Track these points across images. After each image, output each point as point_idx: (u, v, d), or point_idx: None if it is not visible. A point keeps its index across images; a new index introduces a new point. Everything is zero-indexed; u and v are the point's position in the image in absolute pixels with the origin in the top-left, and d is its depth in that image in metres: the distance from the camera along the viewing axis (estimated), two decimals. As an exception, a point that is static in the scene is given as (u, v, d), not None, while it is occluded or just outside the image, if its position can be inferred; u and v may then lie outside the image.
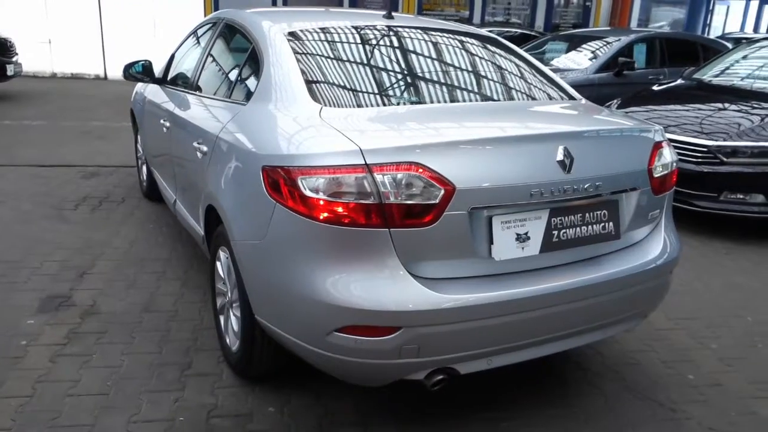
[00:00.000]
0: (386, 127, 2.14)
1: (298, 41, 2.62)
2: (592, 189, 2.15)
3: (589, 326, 2.30)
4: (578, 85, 6.71)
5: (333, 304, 1.95)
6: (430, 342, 1.99)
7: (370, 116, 2.24)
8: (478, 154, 2.02)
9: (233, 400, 2.53)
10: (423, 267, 1.98)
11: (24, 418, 2.35)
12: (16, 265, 3.70)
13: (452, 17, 14.85)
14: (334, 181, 1.92)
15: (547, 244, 2.12)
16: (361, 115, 2.24)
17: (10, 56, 9.66)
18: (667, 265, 2.43)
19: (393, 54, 2.70)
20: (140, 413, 2.42)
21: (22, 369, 2.66)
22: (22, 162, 6.03)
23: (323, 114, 2.20)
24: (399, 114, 2.33)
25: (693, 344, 3.16)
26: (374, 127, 2.13)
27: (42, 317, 3.11)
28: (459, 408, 2.56)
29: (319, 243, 1.97)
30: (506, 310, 2.04)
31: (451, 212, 1.94)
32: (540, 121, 2.41)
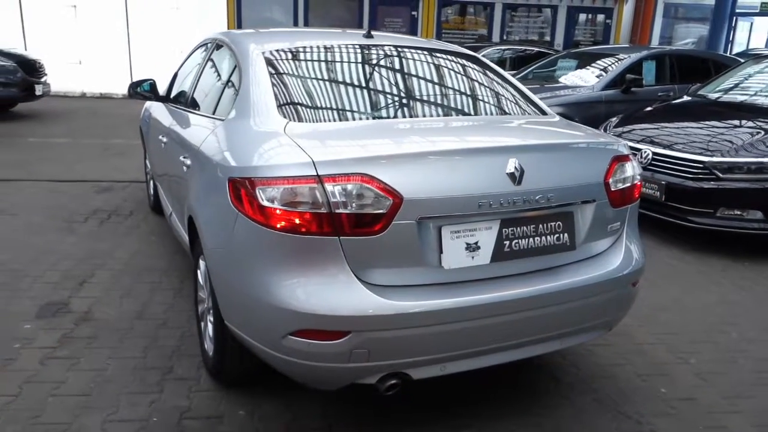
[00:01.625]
0: (343, 141, 2.24)
1: (275, 60, 2.75)
2: (544, 201, 2.21)
3: (545, 335, 2.35)
4: (585, 102, 6.78)
5: (287, 309, 2.04)
6: (379, 347, 2.07)
7: (331, 130, 2.35)
8: (426, 166, 2.10)
9: (207, 403, 2.63)
10: (373, 274, 2.06)
11: (6, 416, 2.48)
12: (20, 273, 3.88)
13: (471, 36, 15.00)
14: (288, 192, 2.02)
15: (498, 254, 2.18)
16: (323, 130, 2.35)
17: (39, 77, 10.08)
18: (627, 277, 2.46)
19: (362, 72, 2.82)
20: (117, 413, 2.53)
21: (12, 370, 2.81)
22: (40, 177, 6.29)
23: (288, 129, 2.31)
24: (360, 128, 2.43)
25: (672, 359, 3.16)
26: (332, 141, 2.23)
27: (38, 322, 3.26)
28: (423, 413, 2.62)
29: (274, 250, 2.07)
30: (456, 317, 2.11)
31: (399, 222, 2.02)
32: (494, 135, 2.48)
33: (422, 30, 14.86)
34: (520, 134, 2.54)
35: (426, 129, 2.47)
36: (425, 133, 2.39)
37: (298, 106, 2.51)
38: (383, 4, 14.69)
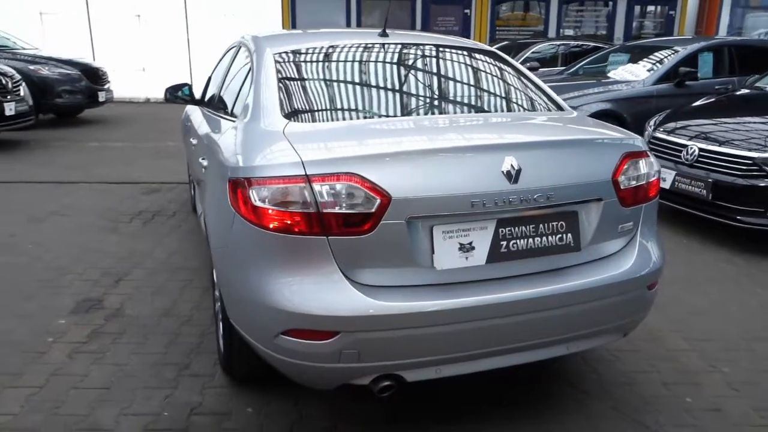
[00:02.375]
0: (338, 140, 2.23)
1: (285, 62, 2.77)
2: (543, 200, 2.13)
3: (549, 339, 2.27)
4: (634, 98, 6.52)
5: (278, 308, 2.05)
6: (369, 348, 2.05)
7: (329, 130, 2.35)
8: (416, 165, 2.07)
9: (217, 400, 2.68)
10: (362, 274, 2.05)
11: (30, 406, 2.61)
12: (63, 271, 4.07)
13: (526, 33, 14.70)
14: (278, 191, 2.03)
15: (495, 254, 2.12)
16: (321, 130, 2.35)
17: (102, 84, 10.58)
18: (641, 279, 2.34)
19: (368, 71, 2.80)
20: (131, 407, 2.62)
21: (42, 363, 2.95)
22: (95, 179, 6.59)
23: (287, 129, 2.32)
24: (358, 127, 2.41)
25: (703, 367, 2.99)
26: (327, 141, 2.23)
27: (72, 318, 3.42)
28: (429, 413, 2.58)
29: (266, 249, 2.09)
30: (450, 319, 2.07)
31: (388, 221, 2.00)
32: (493, 132, 2.41)
33: (475, 28, 14.69)
34: (520, 131, 2.46)
35: (425, 127, 2.43)
36: (423, 132, 2.36)
37: (301, 106, 2.52)
38: (436, 3, 14.61)
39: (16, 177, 6.62)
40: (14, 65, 9.37)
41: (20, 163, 7.44)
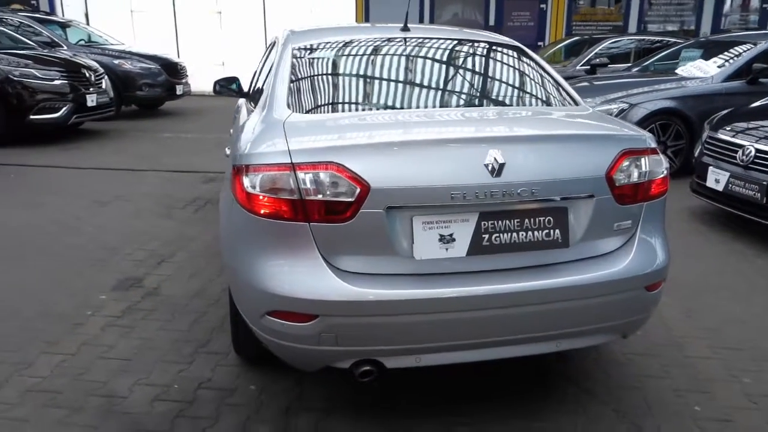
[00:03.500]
0: (329, 130, 2.30)
1: (300, 56, 2.87)
2: (528, 194, 2.12)
3: (536, 335, 2.25)
4: (700, 95, 6.21)
5: (263, 290, 2.15)
6: (347, 332, 2.11)
7: (325, 121, 2.42)
8: (398, 156, 2.10)
9: (226, 377, 2.83)
10: (343, 261, 2.11)
11: (58, 371, 2.84)
12: (114, 251, 4.38)
13: (604, 27, 14.20)
14: (267, 178, 2.13)
15: (476, 247, 2.13)
16: (318, 121, 2.43)
17: (180, 78, 11.15)
18: (636, 280, 2.27)
19: (373, 65, 2.83)
20: (147, 378, 2.80)
21: (77, 333, 3.20)
22: (161, 167, 6.99)
23: (288, 120, 2.41)
24: (353, 119, 2.47)
25: (723, 376, 2.85)
26: (319, 131, 2.30)
27: (112, 294, 3.68)
28: (425, 405, 2.61)
29: (255, 233, 2.19)
30: (427, 309, 2.09)
31: (367, 210, 2.05)
32: (480, 126, 2.39)
33: (551, 23, 14.34)
34: (511, 125, 2.43)
35: (417, 120, 2.45)
36: (413, 124, 2.38)
37: (306, 99, 2.61)
38: (510, -2, 14.39)
39: (91, 164, 7.12)
40: (101, 60, 10.06)
41: (98, 150, 7.99)
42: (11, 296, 3.62)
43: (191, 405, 2.62)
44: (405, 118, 2.47)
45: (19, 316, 3.37)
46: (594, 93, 6.67)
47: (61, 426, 2.46)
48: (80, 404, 2.60)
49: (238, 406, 2.61)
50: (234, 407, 2.60)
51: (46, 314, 3.40)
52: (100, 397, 2.66)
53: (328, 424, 2.51)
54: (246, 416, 2.54)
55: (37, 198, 5.70)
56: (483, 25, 14.63)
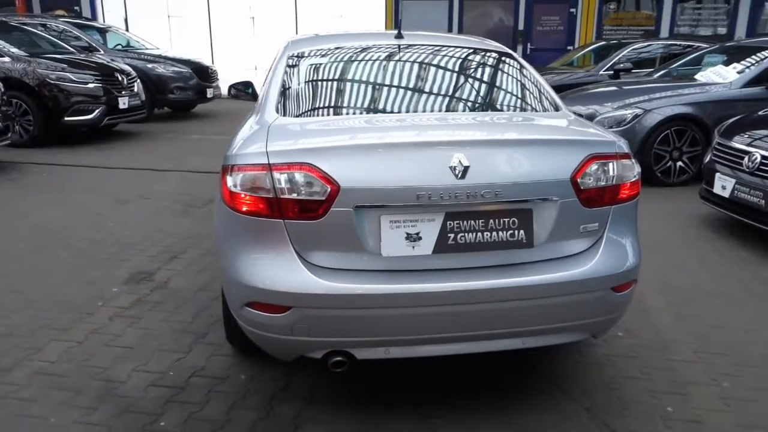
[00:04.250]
0: (307, 133, 2.44)
1: (294, 63, 3.01)
2: (491, 196, 2.21)
3: (501, 332, 2.34)
4: (717, 101, 6.16)
5: (242, 282, 2.30)
6: (318, 324, 2.24)
7: (306, 124, 2.56)
8: (367, 158, 2.23)
9: (219, 366, 2.99)
10: (316, 256, 2.24)
11: (66, 357, 3.05)
12: (131, 246, 4.60)
13: (636, 32, 14.03)
14: (246, 178, 2.28)
15: (442, 245, 2.23)
16: (300, 124, 2.56)
17: (211, 81, 11.47)
18: (601, 281, 2.34)
19: (359, 71, 2.95)
20: (145, 365, 2.98)
21: (87, 322, 3.41)
22: (185, 168, 7.25)
23: (274, 123, 2.56)
24: (332, 122, 2.59)
25: (703, 380, 2.89)
26: (299, 134, 2.44)
27: (124, 287, 3.89)
28: (404, 398, 2.72)
29: (237, 230, 2.34)
30: (394, 303, 2.21)
31: (337, 208, 2.18)
32: (449, 130, 2.49)
33: (581, 27, 14.24)
34: (479, 130, 2.52)
35: (392, 124, 2.56)
36: (387, 128, 2.50)
37: (293, 103, 2.75)
38: (540, 2, 14.33)
39: (119, 164, 7.43)
40: (135, 64, 10.44)
41: (128, 151, 8.31)
42: (31, 286, 3.86)
43: (183, 391, 2.78)
44: (382, 122, 2.59)
45: (35, 305, 3.60)
46: (609, 98, 6.67)
47: (62, 407, 2.65)
48: (81, 387, 2.79)
49: (226, 393, 2.77)
50: (223, 394, 2.76)
51: (60, 304, 3.62)
52: (100, 381, 2.85)
53: (309, 412, 2.64)
54: (232, 403, 2.69)
55: (65, 195, 6.00)
56: (512, 29, 14.62)
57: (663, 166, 6.34)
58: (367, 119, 2.64)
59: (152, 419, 2.58)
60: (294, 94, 2.81)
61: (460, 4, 14.65)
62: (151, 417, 2.59)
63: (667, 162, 6.33)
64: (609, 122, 6.32)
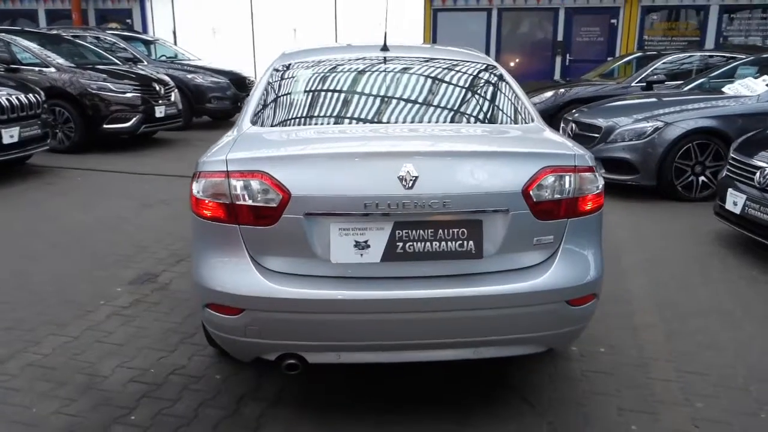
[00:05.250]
0: (268, 142, 2.53)
1: (277, 75, 3.12)
2: (439, 206, 2.24)
3: (452, 341, 2.37)
4: (744, 115, 5.99)
5: (202, 284, 2.41)
6: (269, 326, 2.32)
7: (273, 133, 2.66)
8: (318, 167, 2.30)
9: (198, 365, 3.10)
10: (269, 261, 2.32)
11: (60, 350, 3.22)
12: (143, 249, 4.80)
13: (679, 43, 13.68)
14: (207, 184, 2.38)
15: (390, 254, 2.27)
16: (266, 134, 2.66)
17: (247, 91, 11.77)
18: (553, 294, 2.34)
19: (332, 83, 3.02)
20: (130, 362, 3.12)
21: (85, 319, 3.59)
22: (210, 175, 7.46)
23: (244, 133, 2.67)
24: (295, 132, 2.68)
25: (677, 399, 2.82)
26: (260, 143, 2.54)
27: (127, 287, 4.06)
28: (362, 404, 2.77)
29: (200, 234, 2.46)
30: (342, 309, 2.27)
31: (288, 215, 2.26)
32: (402, 141, 2.53)
33: (622, 38, 13.98)
34: (432, 141, 2.54)
35: (352, 135, 2.63)
36: (345, 138, 2.57)
37: (267, 114, 2.84)
38: (580, 13, 14.15)
39: (150, 170, 7.73)
40: (175, 74, 10.84)
41: (160, 158, 8.64)
42: (42, 283, 4.08)
43: (159, 387, 2.90)
44: (342, 133, 2.66)
45: (43, 301, 3.81)
46: (630, 111, 6.55)
47: (44, 397, 2.81)
48: (67, 380, 2.95)
49: (199, 391, 2.87)
50: (195, 392, 2.86)
51: (65, 301, 3.82)
52: (85, 375, 3.00)
53: (273, 412, 2.71)
54: (202, 401, 2.79)
55: (92, 199, 6.30)
56: (551, 40, 14.48)
57: (685, 181, 6.17)
58: (331, 129, 2.72)
59: (125, 413, 2.70)
60: (270, 105, 2.91)
61: (499, 16, 14.62)
62: (124, 410, 2.71)
63: (689, 176, 6.16)
64: (629, 135, 6.20)
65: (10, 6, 17.81)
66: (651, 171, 6.11)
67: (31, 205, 6.12)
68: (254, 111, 2.85)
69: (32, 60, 8.92)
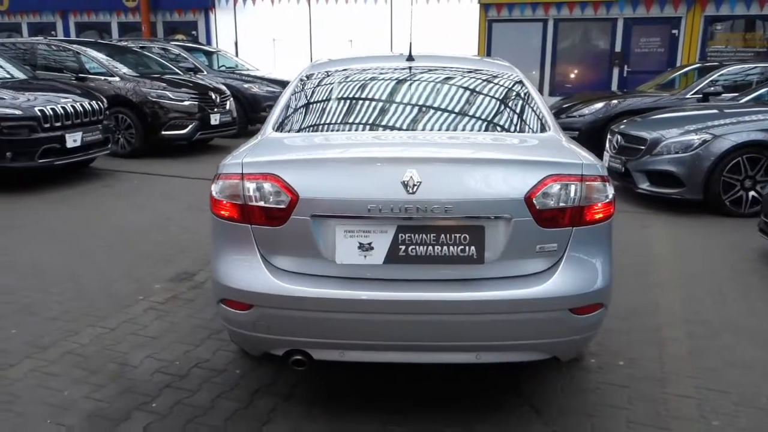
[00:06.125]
0: (283, 147, 2.65)
1: (304, 82, 3.25)
2: (441, 211, 2.30)
3: (453, 344, 2.41)
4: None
5: (217, 280, 2.54)
6: (277, 322, 2.43)
7: (289, 139, 2.79)
8: (324, 171, 2.40)
9: (221, 360, 3.24)
10: (278, 259, 2.43)
11: (97, 341, 3.43)
12: (184, 249, 5.03)
13: (745, 53, 13.16)
14: (225, 186, 2.52)
15: (393, 256, 2.34)
16: (283, 139, 2.79)
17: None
18: (555, 302, 2.35)
19: (353, 91, 3.12)
20: (158, 354, 3.30)
21: (123, 313, 3.80)
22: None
23: (265, 138, 2.80)
24: (310, 138, 2.82)
25: (692, 416, 2.76)
26: (277, 147, 2.66)
27: (166, 284, 4.28)
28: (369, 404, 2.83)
29: (216, 233, 2.60)
30: (346, 308, 2.35)
31: (296, 217, 2.36)
32: (408, 148, 2.60)
33: (683, 48, 13.57)
34: (438, 148, 2.59)
35: (362, 141, 2.72)
36: (354, 144, 2.66)
37: (288, 120, 2.97)
38: (639, 23, 13.83)
39: (201, 174, 8.04)
40: (232, 84, 11.25)
41: (213, 163, 8.86)
42: (90, 278, 4.35)
43: (182, 379, 3.05)
44: (354, 139, 2.75)
45: (88, 295, 4.06)
46: (678, 123, 6.38)
47: (77, 383, 3.00)
48: (99, 368, 3.14)
49: (218, 384, 3.01)
50: (215, 385, 3.00)
51: (108, 295, 4.06)
52: (116, 364, 3.19)
53: (284, 407, 2.82)
54: (220, 393, 2.93)
55: (145, 201, 6.63)
56: (609, 51, 14.20)
57: (733, 196, 5.96)
58: (345, 136, 2.82)
59: (147, 400, 2.86)
60: (292, 112, 3.04)
61: (555, 26, 14.46)
62: (147, 398, 2.88)
63: (738, 191, 5.94)
64: (675, 147, 6.05)
65: (87, 19, 18.89)
66: (697, 185, 5.93)
67: (90, 206, 6.49)
68: (277, 118, 2.98)
69: (99, 69, 9.46)
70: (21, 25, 19.41)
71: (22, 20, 19.36)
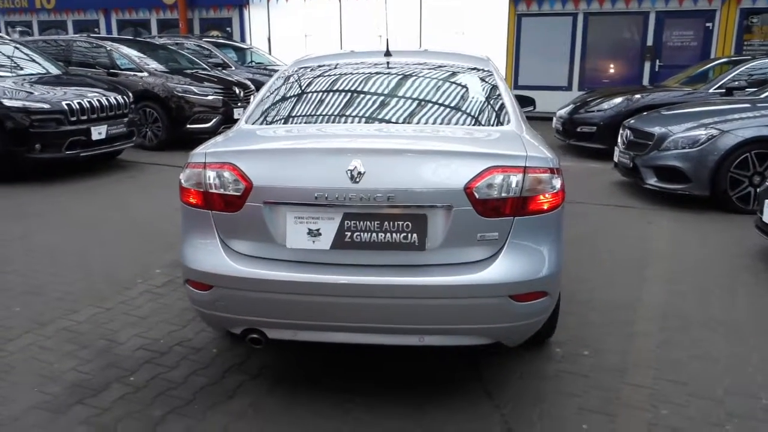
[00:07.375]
0: (245, 137, 2.81)
1: (279, 79, 3.40)
2: (384, 200, 2.41)
3: (397, 327, 2.52)
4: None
5: (182, 262, 2.72)
6: (234, 303, 2.59)
7: (254, 131, 2.94)
8: (278, 161, 2.55)
9: (202, 340, 3.43)
10: (236, 243, 2.60)
11: (92, 319, 3.67)
12: (189, 237, 5.26)
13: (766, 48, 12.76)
14: (190, 174, 2.70)
15: (339, 242, 2.48)
16: (253, 131, 2.94)
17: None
18: (494, 289, 2.44)
19: (329, 85, 3.26)
20: (146, 333, 3.51)
21: (121, 294, 4.04)
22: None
23: (239, 128, 2.97)
24: (272, 129, 2.96)
25: (642, 405, 2.81)
26: (240, 138, 2.82)
27: (165, 269, 4.51)
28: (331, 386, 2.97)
29: (184, 218, 2.77)
30: (294, 290, 2.50)
31: (250, 203, 2.52)
32: (355, 139, 2.72)
33: (717, 42, 13.22)
34: (384, 139, 2.70)
35: (312, 133, 2.88)
36: (307, 136, 2.81)
37: (260, 113, 3.12)
38: (672, 17, 13.53)
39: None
40: (259, 79, 11.51)
41: (235, 156, 9.22)
42: (97, 263, 4.62)
43: (162, 356, 3.26)
44: (310, 131, 2.90)
45: (92, 277, 4.32)
46: (687, 118, 6.30)
47: (66, 356, 3.24)
48: (89, 343, 3.38)
49: (195, 362, 3.20)
50: (191, 362, 3.19)
51: (110, 278, 4.31)
52: (105, 340, 3.42)
53: (249, 385, 2.99)
54: (194, 370, 3.12)
55: (159, 191, 6.93)
56: (640, 45, 13.94)
57: (741, 192, 5.86)
58: (305, 128, 2.96)
59: (127, 374, 3.07)
60: (267, 106, 3.19)
61: (585, 20, 14.27)
62: (127, 372, 3.09)
63: (746, 187, 5.84)
64: (682, 143, 5.99)
65: (128, 16, 19.53)
66: (704, 181, 5.86)
67: (110, 196, 6.82)
68: (251, 111, 3.14)
69: (129, 65, 9.84)
70: (66, 23, 20.20)
71: (67, 18, 20.15)
